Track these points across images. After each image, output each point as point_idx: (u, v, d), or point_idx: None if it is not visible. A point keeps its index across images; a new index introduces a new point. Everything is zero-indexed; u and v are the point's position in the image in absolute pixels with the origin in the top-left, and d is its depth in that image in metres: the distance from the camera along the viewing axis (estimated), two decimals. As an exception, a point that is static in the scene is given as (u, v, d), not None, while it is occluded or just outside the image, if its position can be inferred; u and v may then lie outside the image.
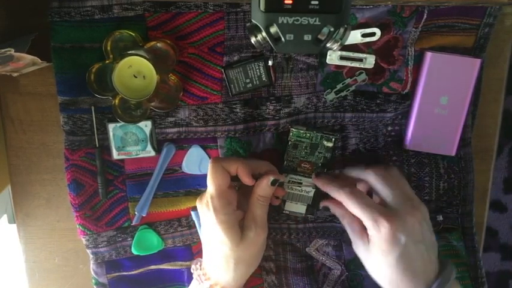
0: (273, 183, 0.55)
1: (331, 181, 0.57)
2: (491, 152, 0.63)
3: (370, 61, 0.57)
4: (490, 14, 0.56)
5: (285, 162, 0.60)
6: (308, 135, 0.59)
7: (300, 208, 0.61)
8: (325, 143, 0.59)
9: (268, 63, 0.57)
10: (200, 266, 0.58)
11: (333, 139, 0.59)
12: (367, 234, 0.53)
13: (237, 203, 0.56)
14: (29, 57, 0.52)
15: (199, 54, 0.57)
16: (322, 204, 0.60)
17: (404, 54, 0.57)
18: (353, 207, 0.52)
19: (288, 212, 0.61)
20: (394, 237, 0.50)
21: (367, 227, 0.52)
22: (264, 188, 0.55)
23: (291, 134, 0.59)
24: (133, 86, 0.54)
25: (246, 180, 0.54)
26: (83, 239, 0.61)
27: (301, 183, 0.60)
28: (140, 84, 0.54)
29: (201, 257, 0.61)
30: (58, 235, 0.64)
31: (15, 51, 0.50)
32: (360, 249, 0.55)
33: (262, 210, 0.55)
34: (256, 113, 0.59)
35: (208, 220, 0.53)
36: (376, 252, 0.52)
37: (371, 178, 0.54)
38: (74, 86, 0.56)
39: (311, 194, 0.60)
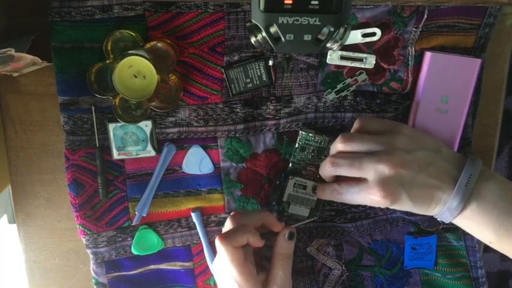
0: (291, 237, 0.55)
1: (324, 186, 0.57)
2: (492, 152, 0.63)
3: (370, 61, 0.57)
4: (491, 14, 0.56)
5: (291, 165, 0.60)
6: (317, 138, 0.59)
7: (303, 211, 0.60)
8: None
9: (268, 63, 0.57)
10: None
11: None
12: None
13: (256, 264, 0.55)
14: (29, 57, 0.52)
15: (199, 54, 0.57)
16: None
17: (405, 54, 0.57)
18: (343, 198, 0.53)
19: (290, 215, 0.61)
20: (393, 197, 0.50)
21: (369, 179, 0.51)
22: (283, 245, 0.55)
23: (299, 137, 0.59)
24: (133, 86, 0.54)
25: (258, 242, 0.54)
26: (83, 239, 0.61)
27: (306, 187, 0.60)
28: (140, 84, 0.54)
29: (200, 258, 0.61)
30: (58, 235, 0.64)
31: (15, 51, 0.50)
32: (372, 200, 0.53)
33: (285, 270, 0.55)
34: (257, 113, 0.59)
35: None
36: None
37: (339, 146, 0.54)
38: (74, 86, 0.56)
39: (315, 198, 0.60)
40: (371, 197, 0.51)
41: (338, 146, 0.54)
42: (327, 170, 0.54)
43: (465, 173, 0.50)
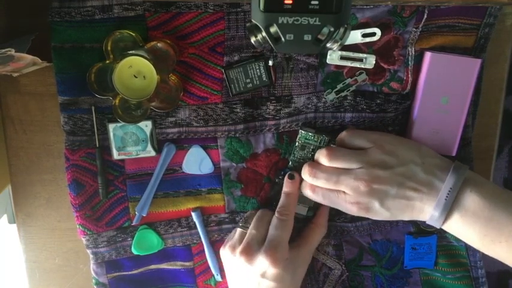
0: (291, 177, 0.59)
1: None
2: (492, 152, 0.63)
3: (370, 61, 0.57)
4: (491, 14, 0.56)
5: (290, 163, 0.60)
6: (316, 138, 0.59)
7: (301, 209, 0.60)
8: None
9: (268, 63, 0.57)
10: None
11: None
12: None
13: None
14: (29, 57, 0.52)
15: (199, 54, 0.57)
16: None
17: (405, 54, 0.57)
18: (321, 201, 0.56)
19: None
20: (367, 208, 0.53)
21: (348, 192, 0.53)
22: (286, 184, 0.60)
23: (299, 135, 0.59)
24: (133, 86, 0.54)
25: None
26: (83, 239, 0.61)
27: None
28: (140, 84, 0.54)
29: (200, 258, 0.62)
30: (58, 235, 0.64)
31: (15, 51, 0.50)
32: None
33: (282, 228, 0.58)
34: (257, 113, 0.59)
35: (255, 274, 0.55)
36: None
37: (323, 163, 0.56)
38: (74, 86, 0.56)
39: None
40: (343, 204, 0.54)
41: (322, 159, 0.56)
42: (306, 176, 0.57)
43: (446, 184, 0.51)
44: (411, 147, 0.55)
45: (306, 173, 0.56)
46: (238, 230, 0.59)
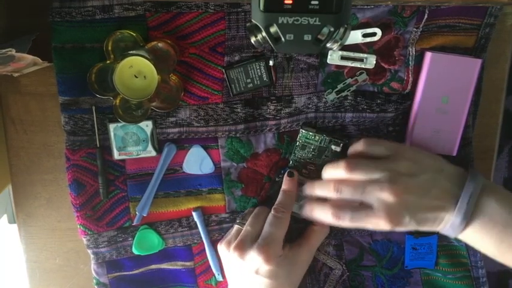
0: (290, 175, 0.59)
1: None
2: (492, 152, 0.63)
3: (370, 61, 0.57)
4: (491, 14, 0.56)
5: (291, 162, 0.60)
6: (317, 137, 0.59)
7: (299, 209, 0.60)
8: (333, 147, 0.59)
9: (269, 63, 0.57)
10: None
11: (341, 144, 0.59)
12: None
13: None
14: (30, 58, 0.52)
15: (200, 54, 0.57)
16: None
17: (405, 54, 0.57)
18: (348, 224, 0.52)
19: None
20: (398, 222, 0.50)
21: (374, 205, 0.51)
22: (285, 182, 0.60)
23: (300, 134, 0.59)
24: (134, 86, 0.54)
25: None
26: (84, 239, 0.61)
27: (302, 184, 0.60)
28: (141, 85, 0.54)
29: (201, 258, 0.61)
30: (59, 235, 0.64)
31: (16, 52, 0.50)
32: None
33: (276, 225, 0.57)
34: (257, 113, 0.59)
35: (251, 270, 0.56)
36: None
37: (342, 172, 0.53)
38: (75, 86, 0.56)
39: None
40: (374, 221, 0.51)
41: (341, 173, 0.53)
42: (330, 194, 0.53)
43: (466, 191, 0.50)
44: (430, 156, 0.54)
45: (330, 191, 0.53)
46: (236, 226, 0.60)
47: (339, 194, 0.53)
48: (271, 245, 0.55)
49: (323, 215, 0.54)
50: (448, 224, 0.51)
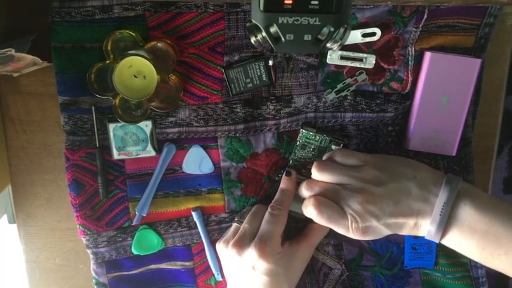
0: (288, 174, 0.59)
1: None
2: (492, 152, 0.63)
3: (370, 61, 0.57)
4: (491, 14, 0.56)
5: (291, 162, 0.60)
6: (317, 137, 0.59)
7: (298, 208, 0.60)
8: (333, 147, 0.59)
9: (268, 63, 0.57)
10: None
11: (342, 144, 0.59)
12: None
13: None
14: (29, 58, 0.52)
15: (199, 54, 0.57)
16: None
17: (405, 54, 0.57)
18: (324, 223, 0.52)
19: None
20: (366, 229, 0.51)
21: (345, 211, 0.51)
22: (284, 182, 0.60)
23: (300, 134, 0.59)
24: (133, 86, 0.54)
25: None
26: (83, 239, 0.61)
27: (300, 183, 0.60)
28: (140, 84, 0.54)
29: (200, 258, 0.61)
30: (58, 235, 0.64)
31: (15, 52, 0.50)
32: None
33: (273, 223, 0.57)
34: (257, 112, 0.59)
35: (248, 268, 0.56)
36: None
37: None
38: (74, 86, 0.56)
39: None
40: (344, 224, 0.51)
41: (313, 173, 0.54)
42: (302, 192, 0.55)
43: (440, 200, 0.50)
44: (402, 163, 0.54)
45: (302, 186, 0.55)
46: (234, 225, 0.60)
47: (311, 192, 0.54)
48: (267, 242, 0.55)
49: (308, 208, 0.53)
50: (425, 231, 0.51)
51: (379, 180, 0.51)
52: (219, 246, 0.59)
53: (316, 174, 0.54)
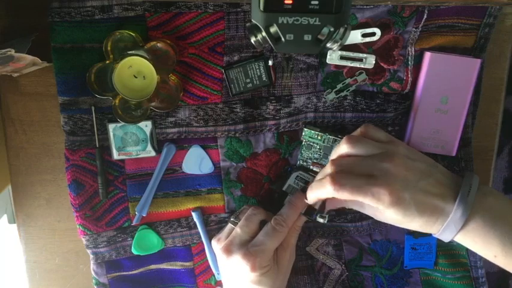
0: (304, 190, 0.57)
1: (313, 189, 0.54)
2: (492, 152, 0.63)
3: (370, 61, 0.57)
4: (491, 14, 0.56)
5: (299, 162, 0.60)
6: (320, 136, 0.59)
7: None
8: None
9: (268, 63, 0.57)
10: None
11: None
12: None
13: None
14: (29, 58, 0.52)
15: (199, 54, 0.57)
16: (327, 211, 0.58)
17: (405, 54, 0.57)
18: (347, 195, 0.49)
19: None
20: (398, 197, 0.47)
21: (371, 204, 0.48)
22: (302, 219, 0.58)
23: (303, 133, 0.59)
24: (133, 86, 0.54)
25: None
26: (83, 239, 0.61)
27: (307, 182, 0.60)
28: (140, 85, 0.54)
29: (200, 258, 0.61)
30: (58, 235, 0.64)
31: (15, 52, 0.50)
32: (379, 216, 0.53)
33: (272, 237, 0.56)
34: (257, 112, 0.59)
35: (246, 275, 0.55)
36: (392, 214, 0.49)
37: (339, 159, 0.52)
38: (74, 87, 0.56)
39: None
40: (375, 190, 0.48)
41: (343, 148, 0.52)
42: (328, 171, 0.51)
43: (465, 184, 0.49)
44: (423, 154, 0.54)
45: (328, 167, 0.52)
46: (229, 224, 0.59)
47: (339, 168, 0.50)
48: (259, 255, 0.54)
49: (321, 188, 0.50)
50: (448, 217, 0.48)
51: (410, 156, 0.51)
52: (213, 242, 0.59)
53: (347, 148, 0.51)
